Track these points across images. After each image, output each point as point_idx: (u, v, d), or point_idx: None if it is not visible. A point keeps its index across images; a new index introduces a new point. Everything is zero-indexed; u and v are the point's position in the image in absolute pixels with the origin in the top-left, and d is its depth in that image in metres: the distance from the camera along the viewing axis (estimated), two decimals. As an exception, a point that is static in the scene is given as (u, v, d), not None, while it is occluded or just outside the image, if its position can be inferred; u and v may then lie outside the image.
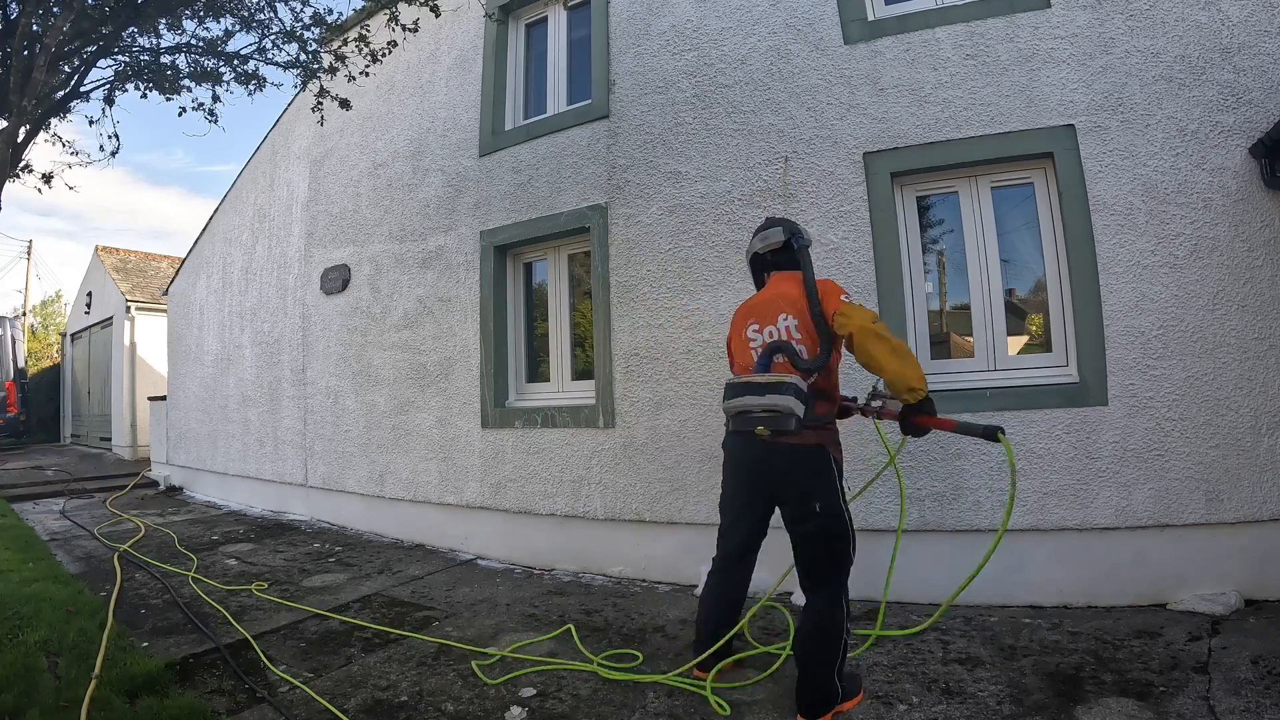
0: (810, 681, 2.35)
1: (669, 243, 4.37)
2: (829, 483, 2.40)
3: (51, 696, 2.57)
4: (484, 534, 5.00)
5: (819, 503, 2.38)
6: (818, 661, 2.34)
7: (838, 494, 2.42)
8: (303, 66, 4.60)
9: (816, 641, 2.36)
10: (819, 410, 2.41)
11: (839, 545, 2.40)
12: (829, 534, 2.39)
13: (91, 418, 13.62)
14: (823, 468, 2.40)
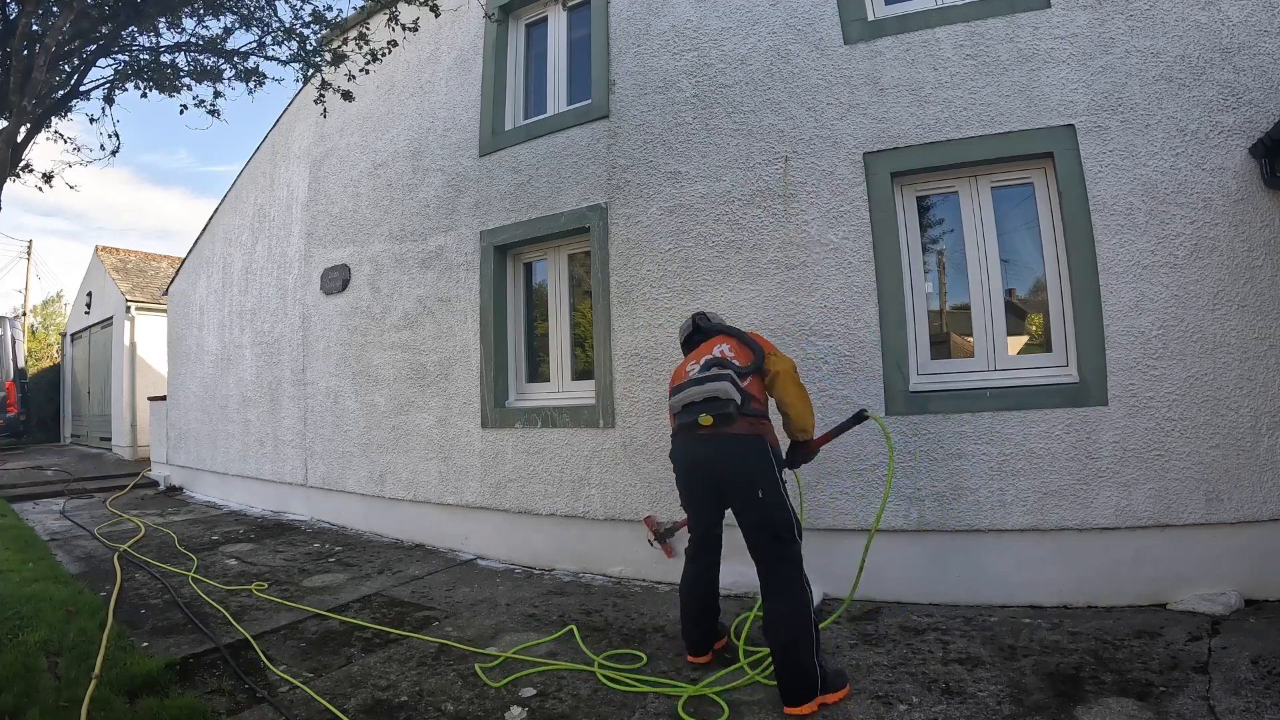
0: (791, 670, 2.39)
1: (669, 243, 4.37)
2: (769, 473, 2.54)
3: (51, 696, 2.57)
4: (484, 534, 5.00)
5: (761, 489, 2.52)
6: (794, 648, 2.40)
7: (778, 482, 2.56)
8: (304, 59, 4.60)
9: (788, 628, 2.42)
10: (755, 404, 2.61)
11: (785, 532, 2.53)
12: (776, 520, 2.52)
13: (91, 418, 13.62)
14: (760, 458, 2.55)
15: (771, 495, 2.52)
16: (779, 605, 2.47)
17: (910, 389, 3.73)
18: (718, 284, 4.18)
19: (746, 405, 2.56)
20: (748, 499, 2.55)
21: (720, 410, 2.52)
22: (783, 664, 2.41)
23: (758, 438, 2.57)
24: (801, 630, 2.40)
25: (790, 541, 2.53)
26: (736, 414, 2.52)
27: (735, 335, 2.87)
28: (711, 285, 4.20)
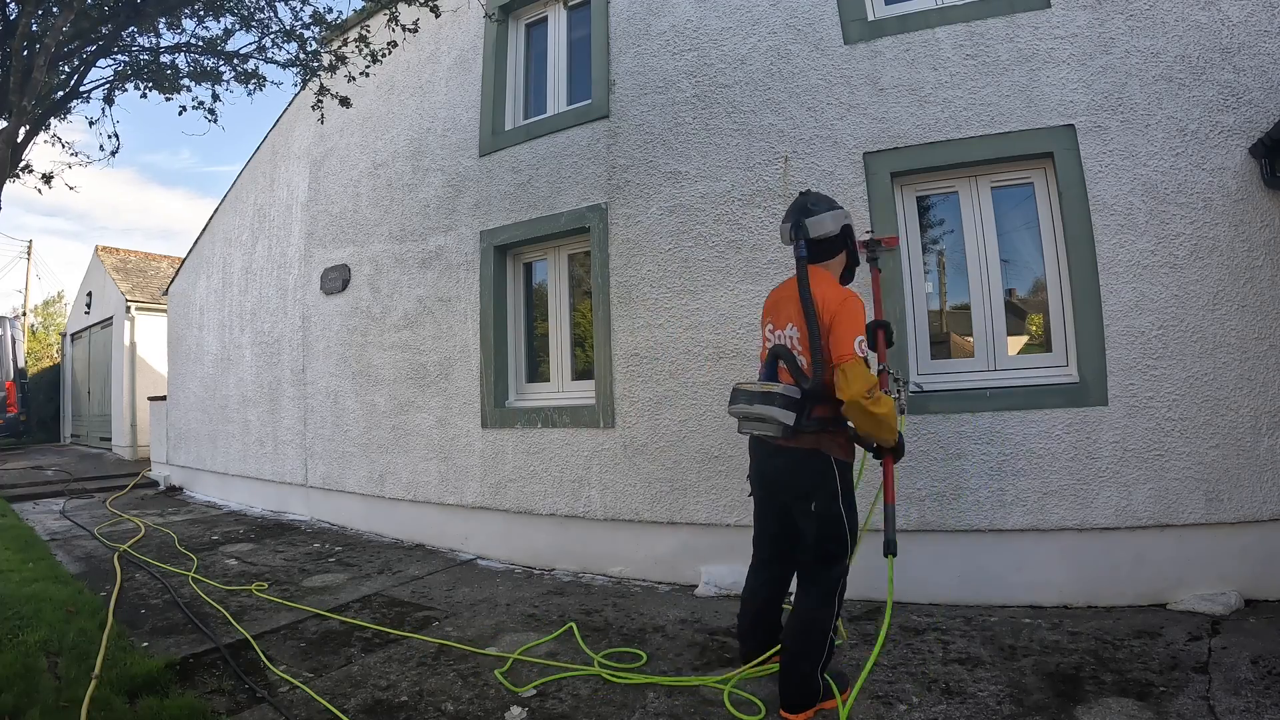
0: (793, 678, 2.37)
1: (669, 243, 4.37)
2: (827, 485, 2.40)
3: (51, 696, 2.57)
4: (484, 534, 5.01)
5: (815, 503, 2.40)
6: (802, 658, 2.37)
7: (836, 497, 2.41)
8: (302, 64, 4.60)
9: (803, 639, 2.39)
10: (817, 413, 2.37)
11: (833, 547, 2.42)
12: (823, 535, 2.41)
13: (91, 418, 13.62)
14: (819, 470, 2.40)
15: (826, 511, 2.39)
16: (804, 613, 2.42)
17: (910, 389, 3.73)
18: (718, 284, 4.18)
19: (803, 421, 2.34)
20: (801, 510, 2.46)
21: (768, 434, 2.41)
22: (788, 669, 2.40)
23: (815, 451, 2.40)
24: (816, 644, 2.38)
25: (836, 558, 2.43)
26: (792, 433, 2.35)
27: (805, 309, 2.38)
28: (711, 285, 4.20)
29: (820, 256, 2.54)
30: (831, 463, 2.41)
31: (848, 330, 2.30)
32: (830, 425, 2.40)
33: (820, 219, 2.51)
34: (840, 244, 2.57)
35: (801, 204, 2.58)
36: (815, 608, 2.40)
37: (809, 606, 2.41)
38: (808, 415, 2.35)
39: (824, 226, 2.50)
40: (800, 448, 2.40)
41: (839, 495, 2.42)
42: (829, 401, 2.36)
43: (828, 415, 2.39)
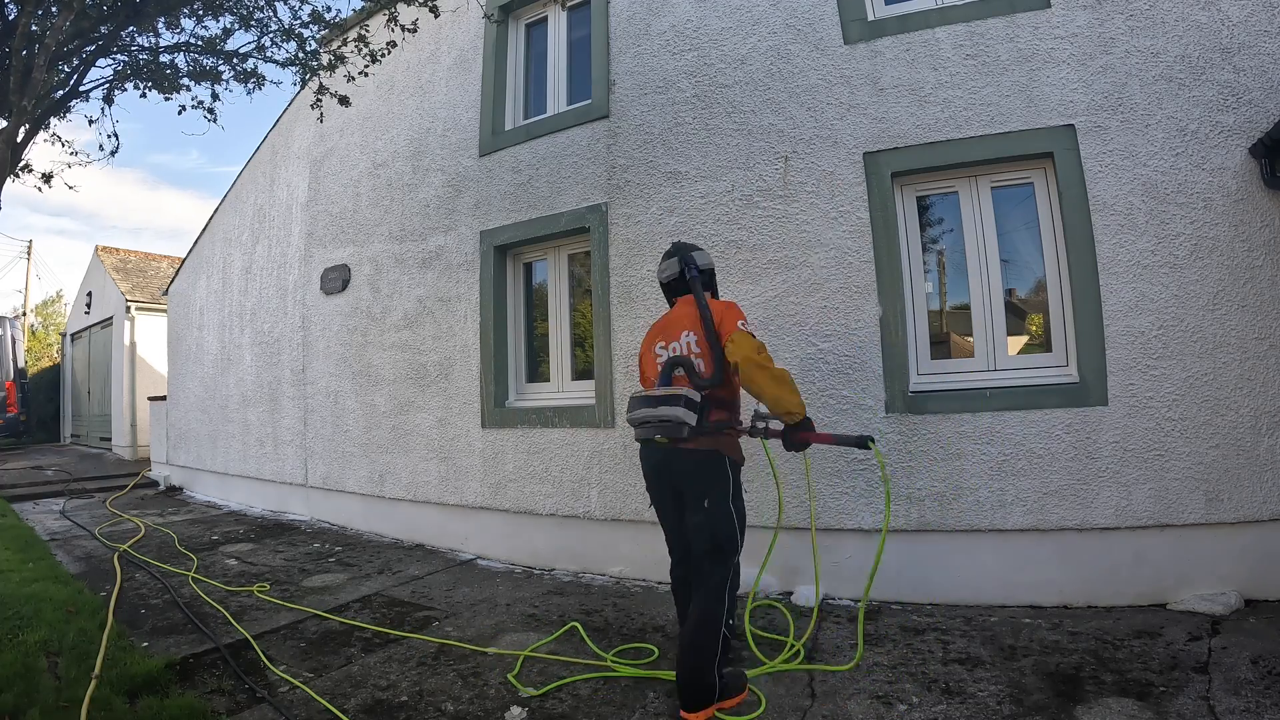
0: (690, 677, 2.42)
1: (669, 243, 4.35)
2: (721, 484, 2.56)
3: (51, 696, 2.57)
4: (484, 534, 5.00)
5: (709, 500, 2.55)
6: (697, 655, 2.42)
7: (729, 496, 2.57)
8: (302, 64, 4.60)
9: (698, 636, 2.45)
10: (714, 417, 2.56)
11: (724, 544, 2.55)
12: (715, 532, 2.54)
13: (91, 418, 13.62)
14: (715, 471, 2.56)
15: (718, 508, 2.55)
16: (698, 612, 2.50)
17: (910, 389, 3.73)
18: (718, 283, 4.17)
19: (703, 423, 2.52)
20: (695, 508, 2.58)
21: (671, 434, 2.51)
22: (685, 667, 2.44)
23: (713, 451, 2.57)
24: (709, 641, 2.43)
25: (727, 555, 2.55)
26: (692, 435, 2.49)
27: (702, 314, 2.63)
28: (711, 285, 4.20)
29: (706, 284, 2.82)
30: (726, 462, 2.59)
31: (733, 319, 2.58)
32: (725, 427, 2.60)
33: (703, 253, 2.88)
34: (712, 280, 2.91)
35: (681, 246, 2.91)
36: (708, 606, 2.49)
37: (701, 605, 2.50)
38: (706, 417, 2.54)
39: (707, 260, 2.87)
40: (699, 448, 2.55)
41: (730, 494, 2.58)
42: (725, 406, 2.61)
43: (723, 418, 2.61)
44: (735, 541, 2.58)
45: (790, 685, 2.70)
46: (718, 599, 2.50)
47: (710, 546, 2.55)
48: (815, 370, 3.87)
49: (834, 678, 2.74)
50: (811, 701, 2.56)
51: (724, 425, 2.59)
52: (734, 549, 2.57)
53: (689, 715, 2.40)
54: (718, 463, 2.57)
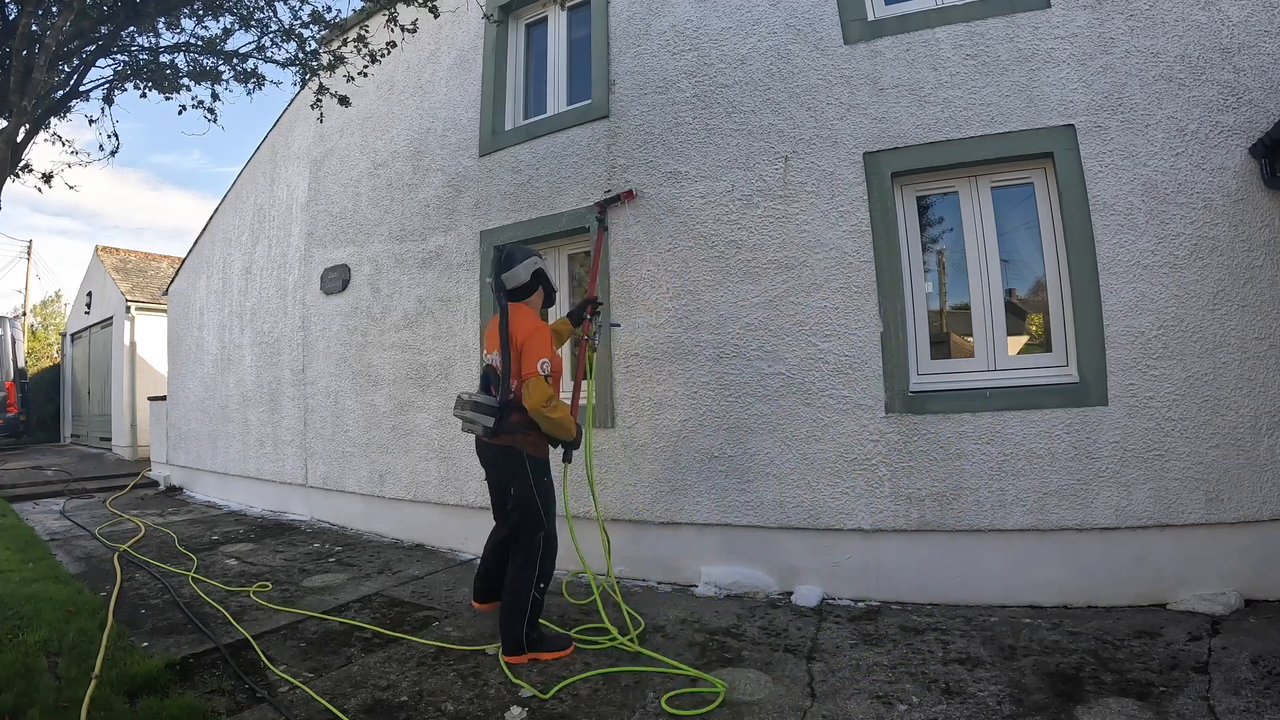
0: (503, 626, 3.01)
1: (669, 243, 4.37)
2: (520, 474, 3.10)
3: (51, 696, 2.57)
4: (484, 534, 4.98)
5: (513, 488, 3.13)
6: (508, 612, 3.01)
7: (529, 484, 3.10)
8: (302, 64, 4.60)
9: (511, 596, 3.03)
10: (513, 419, 3.06)
11: (529, 523, 3.09)
12: (521, 514, 3.11)
13: (91, 418, 13.61)
14: (514, 463, 3.10)
15: (521, 492, 3.10)
16: (512, 574, 3.07)
17: (910, 389, 3.73)
18: (718, 284, 4.18)
19: (502, 424, 3.04)
20: (506, 493, 3.19)
21: (478, 432, 3.12)
22: (503, 621, 3.01)
23: (510, 448, 3.09)
24: (517, 601, 2.99)
25: (532, 531, 3.09)
26: (494, 434, 3.06)
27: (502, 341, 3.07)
28: (711, 285, 4.20)
29: (520, 296, 3.24)
30: (524, 457, 3.09)
31: (532, 355, 2.99)
32: (522, 428, 3.07)
33: (515, 272, 3.22)
34: (536, 285, 3.26)
35: (499, 258, 3.31)
36: (520, 569, 3.05)
37: (514, 569, 3.07)
38: (506, 421, 3.04)
39: (518, 278, 3.22)
40: (500, 444, 3.10)
41: (530, 483, 3.10)
42: (522, 411, 3.03)
43: (521, 421, 3.06)
44: (539, 521, 3.09)
45: (790, 685, 2.70)
46: (529, 565, 3.04)
47: (516, 526, 3.12)
48: (815, 370, 3.87)
49: (834, 678, 2.74)
50: (811, 701, 2.56)
51: (520, 427, 3.07)
52: (537, 527, 3.09)
53: (507, 658, 2.95)
54: (516, 457, 3.09)
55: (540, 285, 3.28)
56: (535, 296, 3.29)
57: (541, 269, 3.28)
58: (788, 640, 3.17)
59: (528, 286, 3.24)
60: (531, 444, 3.12)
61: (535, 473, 3.11)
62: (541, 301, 3.34)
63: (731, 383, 4.08)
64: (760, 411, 3.99)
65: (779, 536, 3.91)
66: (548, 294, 3.35)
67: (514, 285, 3.22)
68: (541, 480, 3.13)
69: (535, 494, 3.09)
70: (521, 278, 3.21)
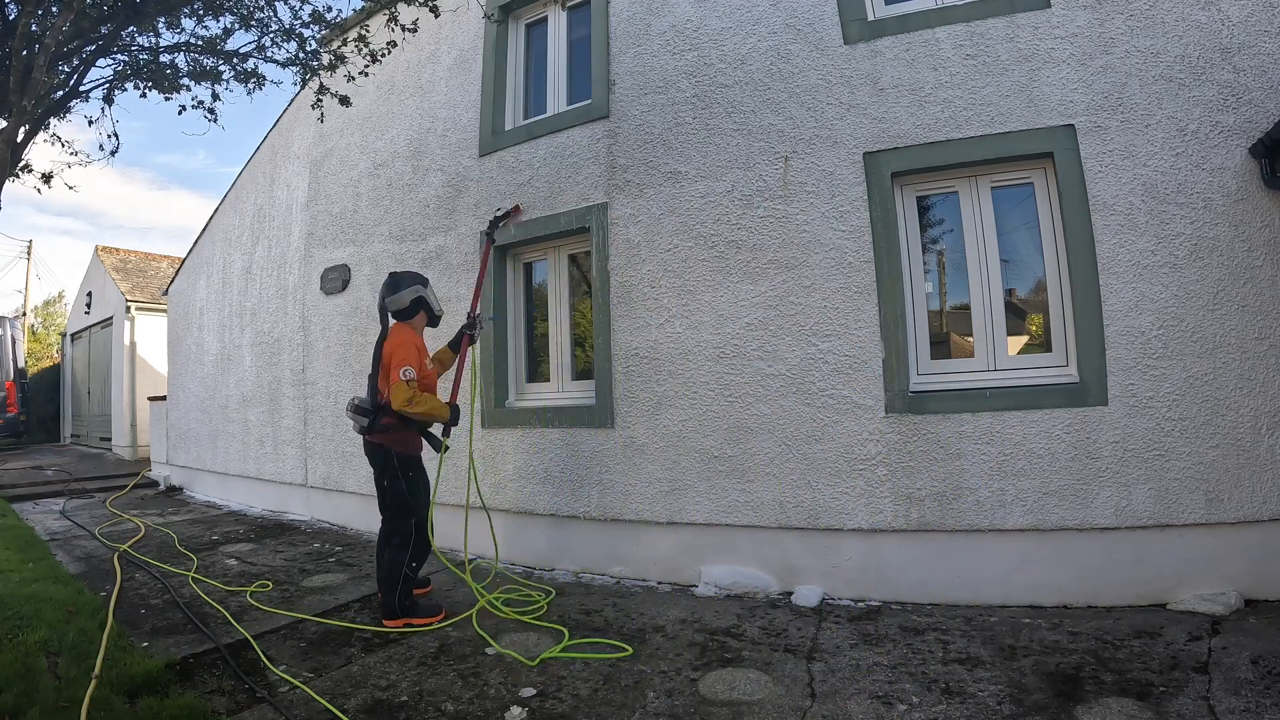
0: (384, 599, 3.52)
1: (669, 242, 4.37)
2: (390, 469, 3.56)
3: (51, 696, 2.57)
4: (485, 536, 4.99)
5: (386, 481, 3.59)
6: (385, 585, 3.51)
7: (399, 478, 3.56)
8: (302, 64, 4.60)
9: (388, 571, 3.51)
10: (384, 421, 3.52)
11: (402, 511, 3.58)
12: (395, 503, 3.59)
13: (91, 418, 13.61)
14: (385, 460, 3.57)
15: (392, 485, 3.57)
16: (387, 556, 3.53)
17: (910, 389, 3.73)
18: (718, 284, 4.18)
19: (374, 425, 3.53)
20: (381, 484, 3.62)
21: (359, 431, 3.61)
22: (381, 593, 3.54)
23: (381, 445, 3.56)
24: (392, 576, 3.48)
25: (402, 520, 3.57)
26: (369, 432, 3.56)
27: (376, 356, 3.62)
28: (711, 285, 4.20)
29: (404, 317, 3.73)
30: (392, 454, 3.56)
31: (398, 365, 3.46)
32: (391, 429, 3.54)
33: (399, 297, 3.69)
34: (416, 309, 3.75)
35: (389, 284, 3.75)
36: (395, 551, 3.52)
37: (391, 551, 3.54)
38: (378, 422, 3.52)
39: (400, 304, 3.70)
40: (373, 441, 3.58)
41: (400, 477, 3.57)
42: (391, 414, 3.50)
43: (390, 423, 3.53)
44: (409, 510, 3.56)
45: (790, 685, 2.70)
46: (403, 547, 3.52)
47: (393, 514, 3.60)
48: (815, 370, 3.87)
49: (834, 678, 2.74)
50: (811, 701, 2.56)
51: (389, 428, 3.53)
52: (408, 514, 3.56)
53: (387, 623, 3.46)
54: (385, 453, 3.56)
55: (421, 309, 3.77)
56: (417, 319, 3.78)
57: (422, 296, 3.75)
58: (788, 640, 3.17)
59: (408, 310, 3.72)
60: (399, 442, 3.58)
61: (402, 467, 3.58)
62: (424, 323, 3.83)
63: (731, 383, 4.08)
64: (760, 411, 3.99)
65: (779, 536, 3.91)
66: (430, 317, 3.84)
67: (396, 309, 3.70)
68: (408, 474, 3.60)
69: (404, 485, 3.57)
70: (403, 303, 3.70)
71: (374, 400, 3.58)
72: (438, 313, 3.88)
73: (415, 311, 3.75)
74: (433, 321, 3.88)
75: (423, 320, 3.82)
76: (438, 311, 3.87)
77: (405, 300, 3.70)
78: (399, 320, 3.72)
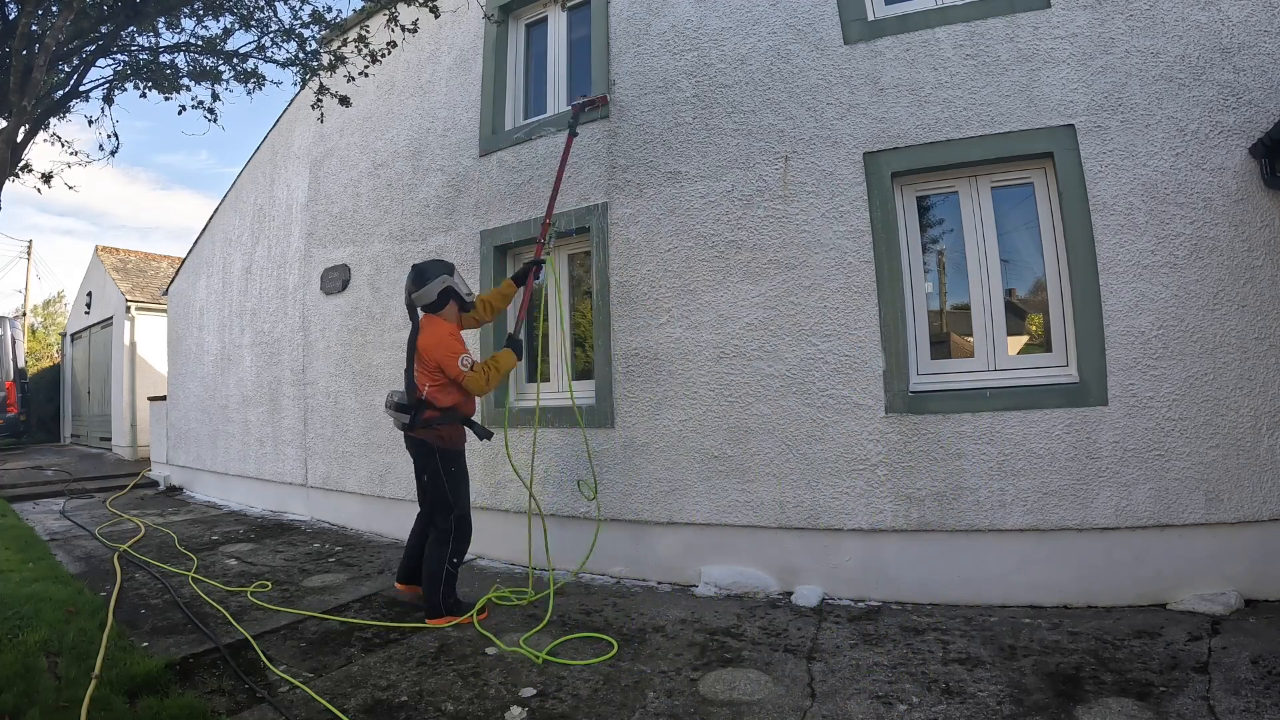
0: (426, 596, 3.53)
1: (669, 243, 4.37)
2: (432, 464, 3.55)
3: (51, 696, 2.57)
4: (484, 534, 4.99)
5: (427, 475, 3.59)
6: (428, 581, 3.53)
7: (439, 473, 3.54)
8: (302, 64, 4.60)
9: (430, 566, 3.52)
10: (425, 416, 3.48)
11: (440, 506, 3.58)
12: (435, 497, 3.60)
13: (91, 418, 13.61)
14: (427, 455, 3.56)
15: (433, 480, 3.57)
16: (428, 552, 3.57)
17: (910, 389, 3.73)
18: (718, 284, 4.18)
19: (416, 420, 3.47)
20: (422, 479, 3.65)
21: (400, 427, 3.59)
22: (425, 589, 3.54)
23: (424, 441, 3.55)
24: (434, 574, 3.50)
25: (443, 515, 3.56)
26: (410, 428, 3.51)
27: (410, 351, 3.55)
28: (711, 285, 4.20)
29: (435, 309, 3.61)
30: (435, 450, 3.54)
31: (451, 359, 3.44)
32: (434, 424, 3.50)
33: (426, 290, 3.57)
34: (445, 301, 3.62)
35: (414, 276, 3.62)
36: (435, 545, 3.55)
37: (431, 546, 3.57)
38: (419, 418, 3.47)
39: (429, 297, 3.58)
40: (416, 437, 3.56)
41: (440, 471, 3.54)
42: (437, 409, 3.49)
43: (433, 418, 3.49)
44: (449, 504, 3.55)
45: (790, 685, 2.70)
46: (443, 542, 3.51)
47: (431, 508, 3.63)
48: (815, 370, 3.87)
49: (834, 678, 2.74)
50: (811, 701, 2.56)
51: (433, 422, 3.49)
52: (448, 510, 3.55)
53: (431, 621, 3.47)
54: (428, 449, 3.55)
55: (450, 299, 3.65)
56: (448, 309, 3.65)
57: (450, 286, 3.62)
58: (788, 640, 3.17)
59: (438, 302, 3.61)
60: (442, 437, 3.56)
61: (444, 463, 3.56)
62: (456, 312, 3.70)
63: (731, 383, 4.08)
64: (760, 411, 3.99)
65: (779, 536, 3.91)
66: (461, 305, 3.71)
67: (425, 303, 3.61)
68: (449, 469, 3.57)
69: (445, 481, 3.55)
70: (431, 296, 3.59)
71: (412, 396, 3.50)
72: (467, 298, 3.73)
73: (445, 302, 3.62)
74: (465, 307, 3.73)
75: (454, 309, 3.68)
76: (467, 297, 3.72)
77: (433, 293, 3.58)
78: (428, 313, 3.61)
